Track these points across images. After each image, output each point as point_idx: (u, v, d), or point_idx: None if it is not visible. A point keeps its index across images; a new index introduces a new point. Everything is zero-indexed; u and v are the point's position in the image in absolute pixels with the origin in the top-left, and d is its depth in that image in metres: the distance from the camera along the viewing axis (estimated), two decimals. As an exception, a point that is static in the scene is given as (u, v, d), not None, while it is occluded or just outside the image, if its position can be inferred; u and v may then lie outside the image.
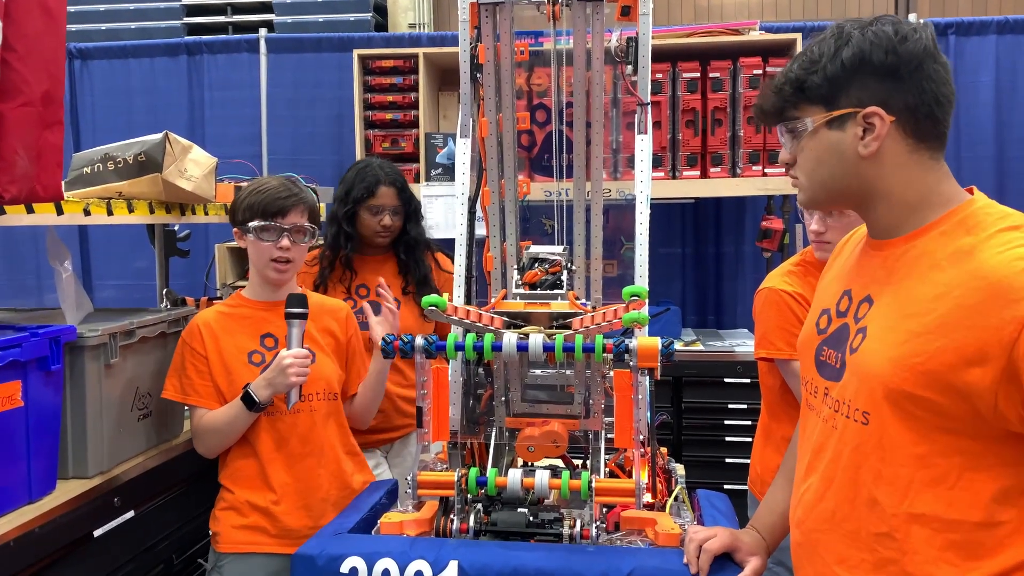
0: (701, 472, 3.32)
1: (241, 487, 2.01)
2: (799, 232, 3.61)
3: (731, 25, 3.68)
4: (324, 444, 2.05)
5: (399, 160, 3.75)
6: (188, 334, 2.07)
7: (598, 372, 1.76)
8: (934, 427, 1.09)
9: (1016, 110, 3.98)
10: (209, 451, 2.05)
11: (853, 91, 1.14)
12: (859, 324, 1.20)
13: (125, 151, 2.35)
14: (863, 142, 1.14)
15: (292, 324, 1.96)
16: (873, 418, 1.14)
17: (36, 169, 1.70)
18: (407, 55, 3.83)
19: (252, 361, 2.03)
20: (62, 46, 1.76)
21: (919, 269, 1.13)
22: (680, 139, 3.62)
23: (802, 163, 1.22)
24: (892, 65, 1.12)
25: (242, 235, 2.04)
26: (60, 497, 1.85)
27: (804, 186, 1.24)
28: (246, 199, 2.03)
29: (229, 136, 4.32)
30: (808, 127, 1.18)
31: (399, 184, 2.57)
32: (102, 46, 4.50)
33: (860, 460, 1.16)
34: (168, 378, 2.07)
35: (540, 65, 3.34)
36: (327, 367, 2.08)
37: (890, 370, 1.10)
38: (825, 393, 1.25)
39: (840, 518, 1.19)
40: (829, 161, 1.17)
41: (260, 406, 1.94)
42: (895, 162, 1.15)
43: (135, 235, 3.49)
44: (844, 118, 1.15)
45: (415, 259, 2.59)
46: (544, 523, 1.60)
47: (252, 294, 2.12)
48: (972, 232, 1.11)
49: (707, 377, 3.52)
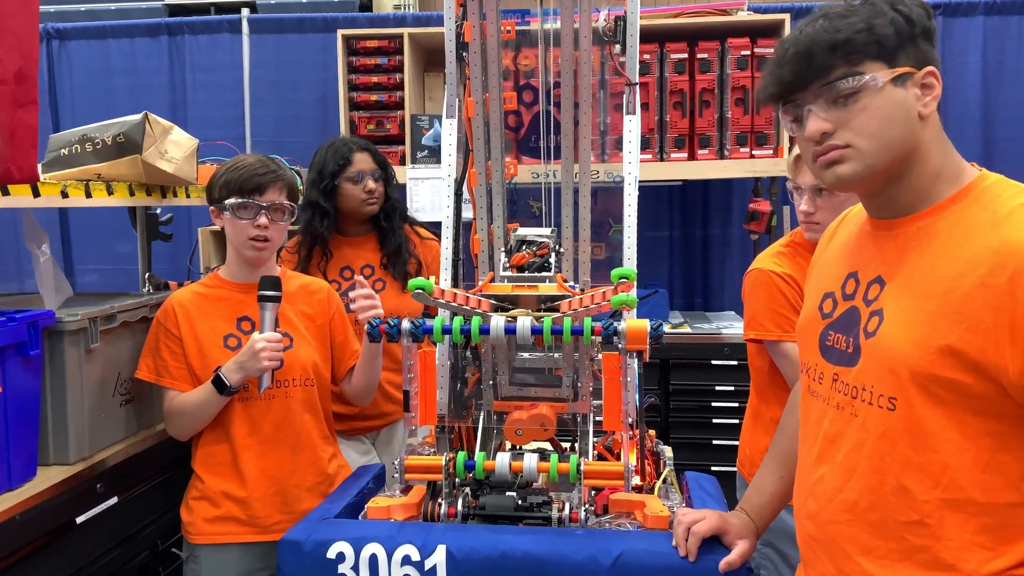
0: (689, 454, 3.33)
1: (213, 475, 1.98)
2: (787, 214, 3.60)
3: (719, 5, 3.65)
4: (300, 430, 2.01)
5: (384, 142, 3.71)
6: (163, 314, 2.02)
7: (586, 355, 1.75)
8: (963, 408, 1.07)
9: (1003, 92, 3.98)
10: (180, 433, 2.02)
11: (911, 51, 1.12)
12: (872, 307, 1.17)
13: (103, 132, 2.31)
14: (923, 102, 1.12)
15: (265, 307, 1.91)
16: (900, 403, 1.11)
17: (10, 149, 1.66)
18: (392, 35, 3.78)
19: (227, 345, 1.99)
20: (35, 23, 1.71)
21: (935, 247, 1.11)
22: (668, 121, 3.60)
23: (866, 124, 1.12)
24: (932, 30, 1.14)
25: (219, 213, 1.99)
26: (41, 484, 1.83)
27: (866, 151, 1.13)
28: (223, 176, 1.97)
29: (212, 118, 4.27)
30: (878, 83, 1.11)
31: (372, 149, 2.56)
32: (81, 26, 4.42)
33: (887, 448, 1.13)
34: (142, 358, 2.03)
35: (527, 45, 3.32)
36: (304, 352, 2.03)
37: (915, 352, 1.08)
38: (834, 379, 1.21)
39: (864, 508, 1.15)
40: (900, 119, 1.12)
41: (231, 390, 1.90)
42: (935, 126, 1.15)
43: (117, 219, 3.43)
44: (905, 76, 1.12)
45: (392, 227, 2.55)
46: (532, 506, 1.59)
47: (229, 275, 2.07)
48: (989, 208, 1.09)
49: (695, 359, 3.52)
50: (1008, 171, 1.20)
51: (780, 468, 1.47)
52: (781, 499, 1.48)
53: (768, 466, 1.51)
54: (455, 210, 1.89)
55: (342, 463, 2.15)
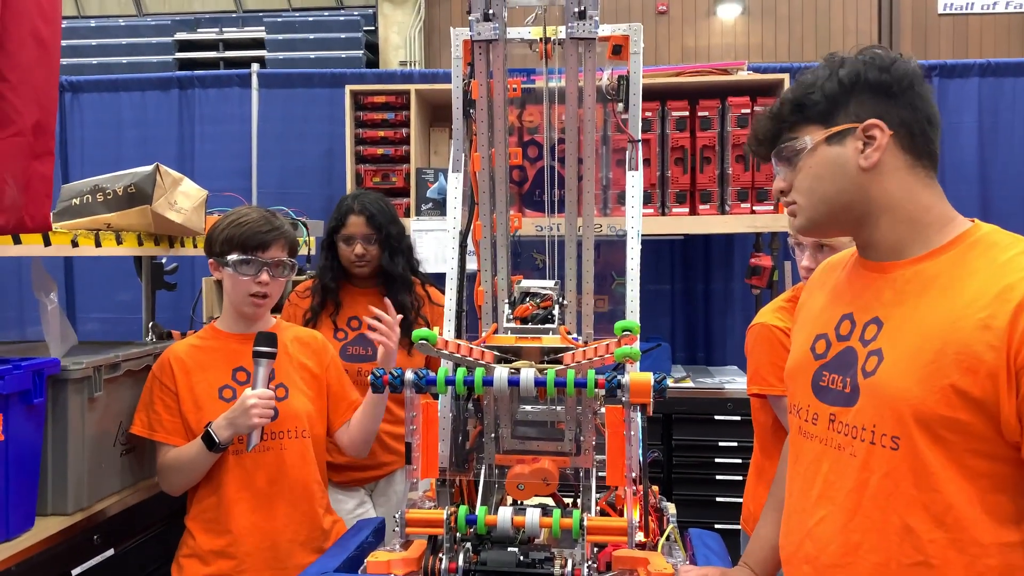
0: (692, 511, 3.29)
1: (204, 531, 1.94)
2: (788, 269, 3.63)
3: (720, 65, 3.73)
4: (295, 484, 1.98)
5: (390, 195, 3.74)
6: (158, 368, 2.00)
7: (589, 408, 1.74)
8: (963, 449, 1.09)
9: (999, 151, 4.05)
10: (173, 489, 1.98)
11: (851, 108, 1.18)
12: (869, 347, 1.18)
13: (115, 183, 2.34)
14: (864, 154, 1.17)
15: (259, 363, 1.89)
16: (903, 442, 1.12)
17: (24, 199, 1.68)
18: (399, 91, 3.86)
19: (223, 396, 1.96)
20: (55, 77, 1.76)
21: (936, 290, 1.14)
22: (669, 176, 3.65)
23: (800, 183, 1.23)
24: (886, 83, 1.17)
25: (218, 267, 1.98)
26: (38, 534, 1.81)
27: (803, 207, 1.24)
28: (225, 231, 1.96)
29: (219, 169, 4.33)
30: (807, 144, 1.20)
31: (368, 213, 2.53)
32: (93, 79, 4.52)
33: (891, 487, 1.13)
34: (136, 412, 2.01)
35: (531, 102, 3.38)
36: (299, 403, 2.02)
37: (919, 391, 1.10)
38: (831, 419, 1.22)
39: (866, 549, 1.15)
40: (830, 175, 1.19)
41: (220, 447, 1.87)
42: (897, 176, 1.17)
43: (120, 268, 3.46)
44: (843, 133, 1.18)
45: (394, 291, 2.55)
46: (535, 563, 1.56)
47: (225, 326, 2.06)
48: (987, 256, 1.13)
49: (697, 414, 3.50)
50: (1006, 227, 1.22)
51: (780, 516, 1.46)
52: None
53: (769, 518, 1.50)
54: (460, 262, 1.91)
55: (336, 519, 2.12)
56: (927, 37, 7.30)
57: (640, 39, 1.93)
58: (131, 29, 6.68)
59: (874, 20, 7.28)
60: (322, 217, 3.43)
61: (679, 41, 7.55)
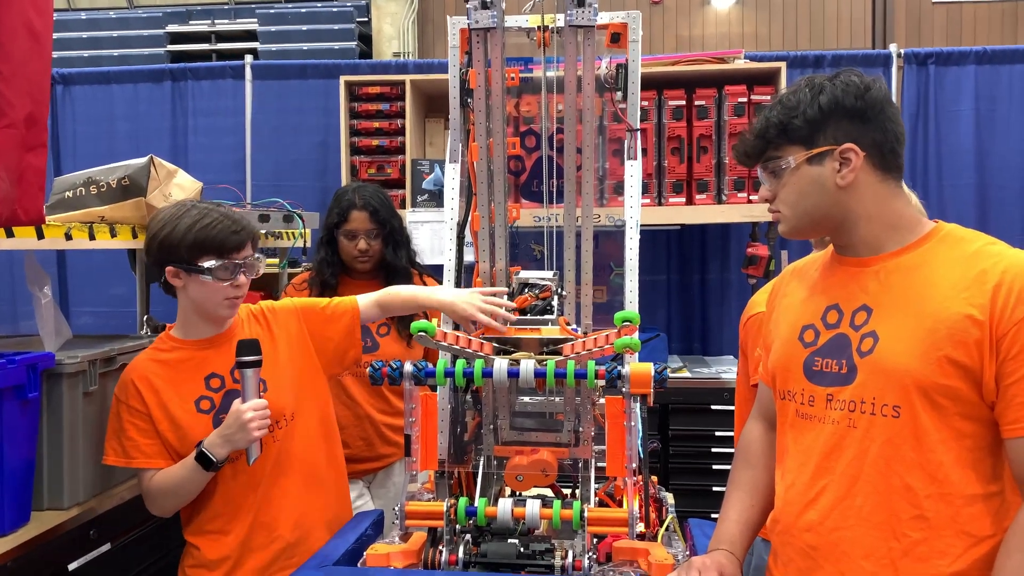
0: (688, 500, 3.29)
1: (207, 543, 1.84)
2: (784, 258, 3.62)
3: (716, 54, 3.71)
4: (303, 466, 1.90)
5: (385, 186, 3.71)
6: (121, 391, 1.83)
7: (588, 399, 1.74)
8: (954, 413, 1.25)
9: (996, 138, 4.04)
10: (165, 512, 1.85)
11: (829, 131, 1.33)
12: (862, 330, 1.32)
13: (108, 175, 2.33)
14: (840, 174, 1.32)
15: (245, 373, 1.75)
16: (904, 410, 1.27)
17: (17, 192, 1.67)
18: (394, 82, 3.83)
19: (200, 408, 1.82)
20: (47, 69, 1.74)
21: (922, 277, 1.30)
22: (666, 166, 3.64)
23: (784, 197, 1.38)
24: (861, 109, 1.32)
25: (182, 273, 1.78)
26: (34, 529, 1.80)
27: (787, 217, 1.40)
28: (191, 235, 1.75)
29: (213, 162, 4.29)
30: (791, 164, 1.35)
31: (371, 207, 2.51)
32: (85, 71, 4.48)
33: (891, 452, 1.27)
34: (107, 441, 1.83)
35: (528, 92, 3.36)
36: (281, 394, 1.88)
37: (919, 364, 1.25)
38: (829, 398, 1.34)
39: (868, 511, 1.29)
40: (811, 193, 1.35)
41: (217, 465, 1.75)
42: (871, 190, 1.34)
43: (114, 261, 3.43)
44: (823, 155, 1.33)
45: (394, 284, 2.52)
46: (535, 554, 1.56)
47: (185, 334, 1.87)
48: (956, 248, 1.30)
49: (694, 404, 3.51)
50: (1003, 216, 1.28)
51: (750, 497, 1.52)
52: (754, 528, 1.51)
53: (737, 497, 1.53)
54: (457, 253, 1.90)
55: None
56: (921, 25, 7.28)
57: (639, 27, 1.92)
58: (122, 21, 6.62)
59: (868, 8, 7.25)
60: (317, 209, 3.41)
61: (673, 31, 7.51)
